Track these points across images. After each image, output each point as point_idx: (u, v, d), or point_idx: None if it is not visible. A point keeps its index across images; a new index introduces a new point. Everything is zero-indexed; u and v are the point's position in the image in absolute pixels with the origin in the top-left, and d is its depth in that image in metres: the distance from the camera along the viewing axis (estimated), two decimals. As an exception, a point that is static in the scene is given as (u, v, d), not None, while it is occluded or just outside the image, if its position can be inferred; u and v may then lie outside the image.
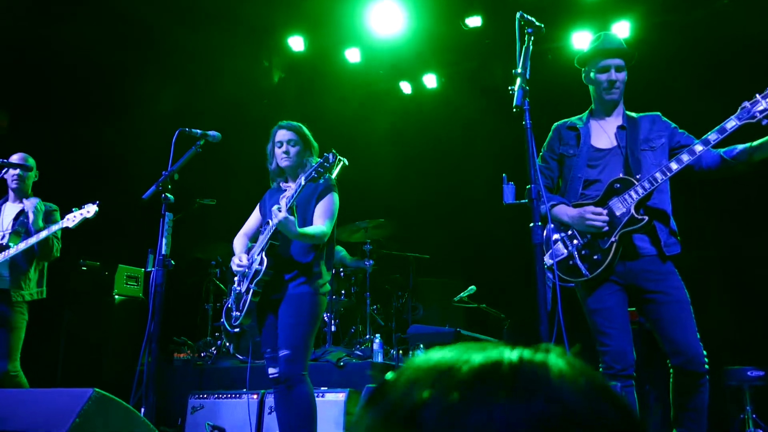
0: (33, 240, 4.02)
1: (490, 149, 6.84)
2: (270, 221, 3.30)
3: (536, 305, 2.41)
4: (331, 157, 3.13)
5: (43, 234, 4.02)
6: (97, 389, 2.48)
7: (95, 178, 6.24)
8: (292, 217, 3.16)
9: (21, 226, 4.20)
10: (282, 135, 3.53)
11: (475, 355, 0.51)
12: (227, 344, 5.76)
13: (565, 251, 2.96)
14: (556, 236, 3.00)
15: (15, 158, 4.31)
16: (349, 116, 7.45)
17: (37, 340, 4.40)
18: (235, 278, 3.52)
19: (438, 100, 7.57)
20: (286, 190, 3.47)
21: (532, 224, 2.51)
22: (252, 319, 3.41)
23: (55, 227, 4.00)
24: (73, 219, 3.98)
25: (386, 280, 6.14)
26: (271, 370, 3.38)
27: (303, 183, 3.20)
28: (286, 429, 3.36)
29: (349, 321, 6.10)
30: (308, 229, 3.32)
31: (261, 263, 3.32)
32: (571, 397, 0.48)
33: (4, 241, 4.16)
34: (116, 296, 6.17)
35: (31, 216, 4.07)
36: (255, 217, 3.73)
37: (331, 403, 4.20)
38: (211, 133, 3.47)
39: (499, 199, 2.77)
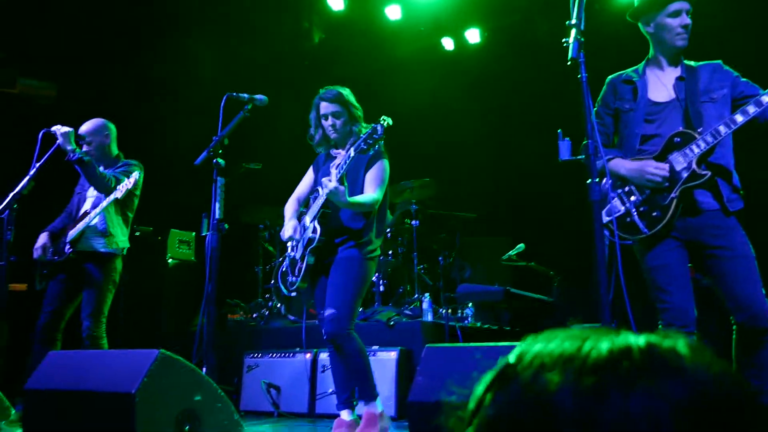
0: (111, 198, 3.98)
1: (536, 104, 6.69)
2: (320, 189, 3.33)
3: (586, 262, 2.37)
4: (379, 128, 3.10)
5: (119, 194, 3.91)
6: (162, 350, 2.57)
7: (142, 145, 6.34)
8: (342, 187, 3.17)
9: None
10: (325, 107, 3.47)
11: (597, 341, 0.51)
12: (278, 305, 5.88)
13: (622, 208, 2.89)
14: (611, 193, 2.93)
15: (84, 127, 4.29)
16: (391, 75, 7.36)
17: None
18: (288, 244, 3.58)
19: (481, 56, 7.40)
20: (336, 157, 3.47)
21: (589, 181, 2.45)
22: (308, 283, 3.48)
23: (110, 197, 3.98)
24: (120, 190, 3.99)
25: (433, 239, 6.13)
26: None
27: (352, 155, 3.20)
28: (341, 386, 3.44)
29: (396, 281, 6.13)
30: (359, 198, 3.32)
31: (314, 231, 3.37)
32: (708, 384, 0.48)
33: (87, 207, 4.20)
34: (170, 260, 6.35)
35: (61, 139, 3.94)
36: (307, 181, 3.74)
37: (383, 362, 4.27)
38: (258, 97, 3.48)
39: (546, 155, 2.70)
